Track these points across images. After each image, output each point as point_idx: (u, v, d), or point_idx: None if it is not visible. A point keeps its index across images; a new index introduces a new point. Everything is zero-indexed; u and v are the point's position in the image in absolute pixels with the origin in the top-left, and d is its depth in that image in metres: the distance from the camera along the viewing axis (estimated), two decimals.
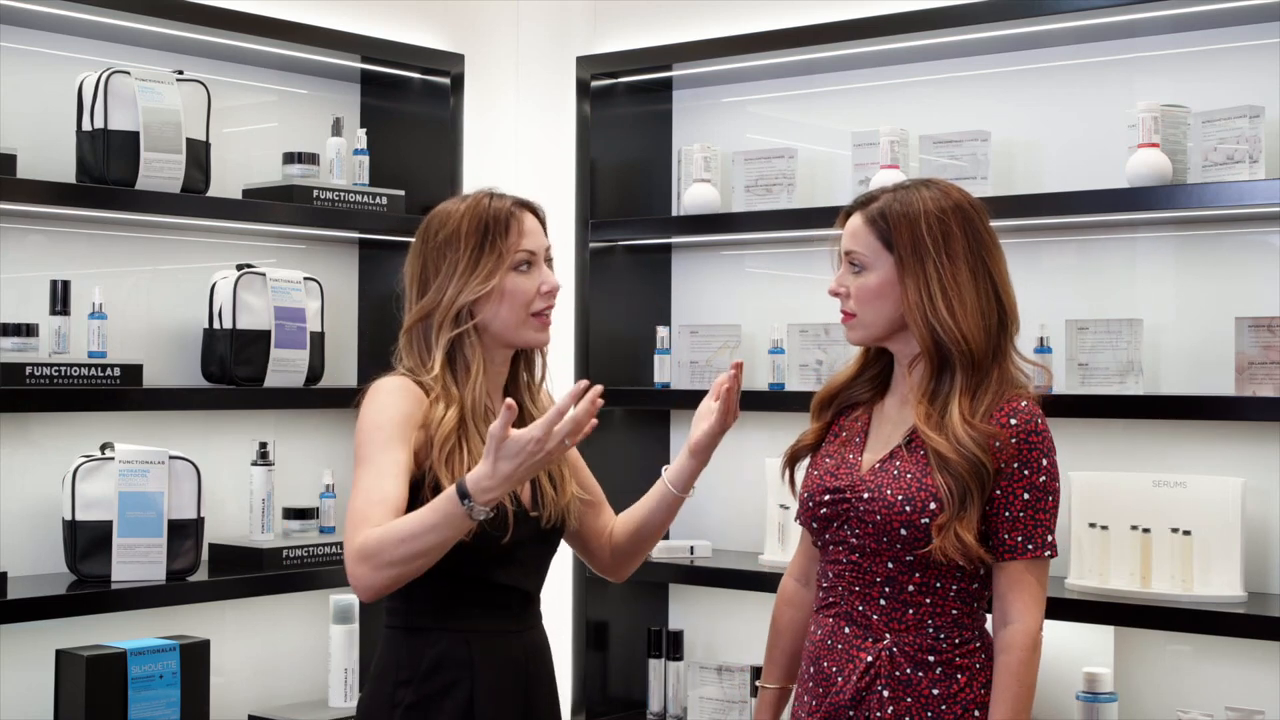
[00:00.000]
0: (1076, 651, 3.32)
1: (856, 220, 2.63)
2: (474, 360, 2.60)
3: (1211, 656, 3.30)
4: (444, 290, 2.59)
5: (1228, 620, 3.06)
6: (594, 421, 2.35)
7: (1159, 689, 3.35)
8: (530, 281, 2.62)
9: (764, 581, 3.66)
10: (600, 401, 2.35)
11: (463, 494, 2.32)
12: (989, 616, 2.61)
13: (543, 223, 2.68)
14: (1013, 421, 2.51)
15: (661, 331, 3.98)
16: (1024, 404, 2.54)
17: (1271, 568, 3.24)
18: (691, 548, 3.88)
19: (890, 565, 2.54)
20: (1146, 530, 3.23)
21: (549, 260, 2.68)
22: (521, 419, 2.64)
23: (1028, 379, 2.62)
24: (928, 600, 2.54)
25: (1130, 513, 3.26)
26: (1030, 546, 2.51)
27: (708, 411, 2.67)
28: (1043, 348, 3.34)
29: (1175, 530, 3.18)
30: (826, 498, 2.61)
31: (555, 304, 2.67)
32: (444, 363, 2.59)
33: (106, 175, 3.35)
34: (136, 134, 3.36)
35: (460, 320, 2.60)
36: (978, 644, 2.56)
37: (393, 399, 2.55)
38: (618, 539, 2.78)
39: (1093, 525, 3.29)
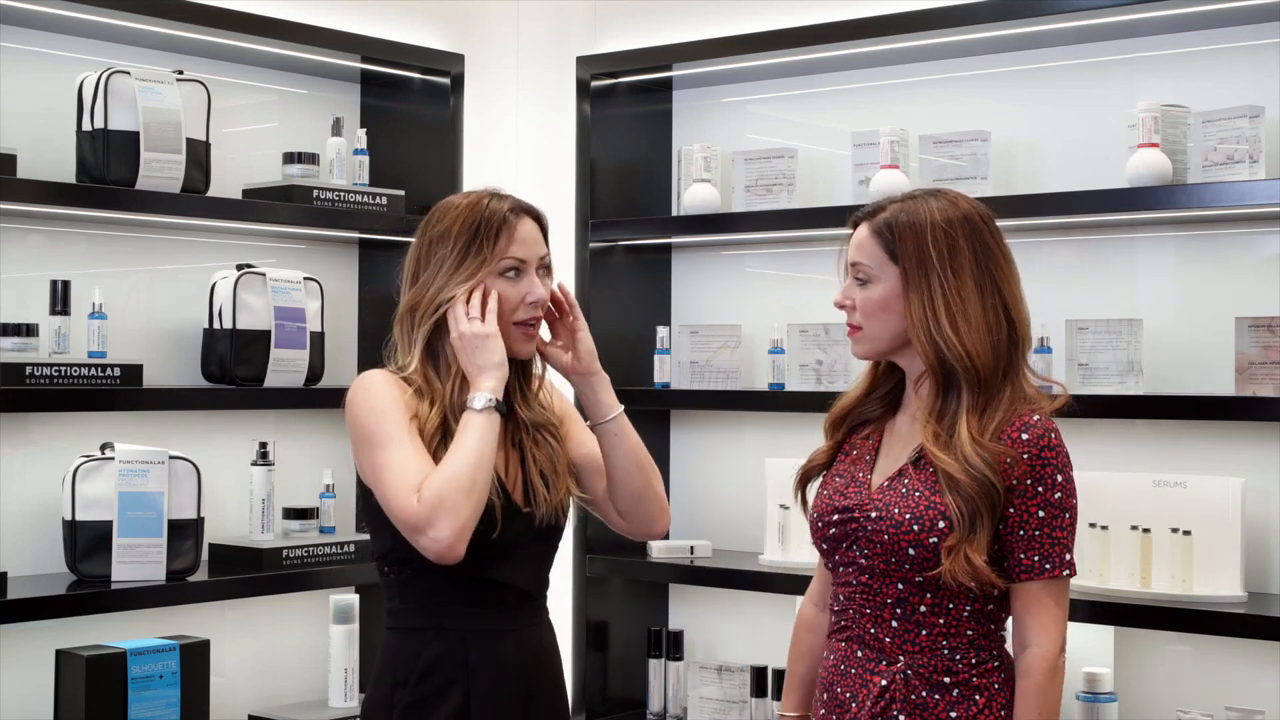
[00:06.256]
0: (1076, 651, 3.31)
1: (863, 231, 2.56)
2: (454, 357, 2.57)
3: (1211, 656, 3.30)
4: (429, 284, 2.58)
5: (1228, 620, 3.06)
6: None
7: (1159, 689, 3.35)
8: (516, 290, 2.58)
9: (764, 581, 3.66)
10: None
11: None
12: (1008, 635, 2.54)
13: (544, 230, 2.64)
14: (1024, 437, 2.43)
15: (661, 331, 3.98)
16: (1035, 419, 2.46)
17: (1271, 568, 3.24)
18: (691, 548, 3.88)
19: (900, 586, 2.47)
20: (1146, 530, 3.23)
21: (546, 268, 2.63)
22: (515, 423, 2.65)
23: (1040, 394, 2.53)
24: (941, 621, 2.46)
25: (1130, 513, 3.26)
26: (1048, 566, 2.43)
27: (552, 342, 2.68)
28: (1043, 348, 3.33)
29: (1175, 530, 3.18)
30: (835, 517, 2.55)
31: (541, 315, 2.62)
32: (423, 356, 2.58)
33: (106, 175, 3.35)
34: (136, 134, 3.36)
35: (440, 315, 2.58)
36: (996, 663, 2.49)
37: (387, 388, 2.55)
38: (610, 494, 2.73)
39: (1093, 525, 3.28)
